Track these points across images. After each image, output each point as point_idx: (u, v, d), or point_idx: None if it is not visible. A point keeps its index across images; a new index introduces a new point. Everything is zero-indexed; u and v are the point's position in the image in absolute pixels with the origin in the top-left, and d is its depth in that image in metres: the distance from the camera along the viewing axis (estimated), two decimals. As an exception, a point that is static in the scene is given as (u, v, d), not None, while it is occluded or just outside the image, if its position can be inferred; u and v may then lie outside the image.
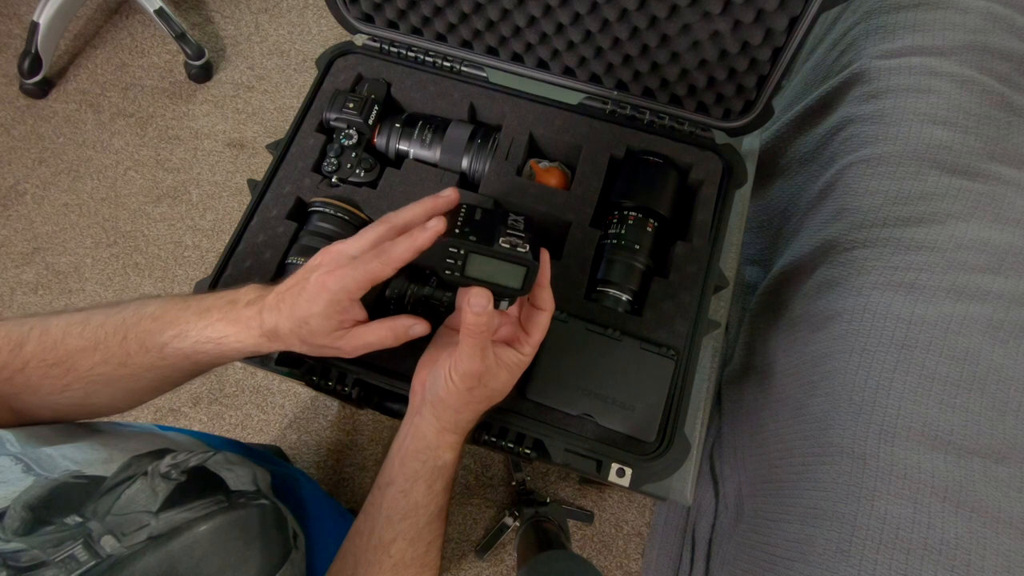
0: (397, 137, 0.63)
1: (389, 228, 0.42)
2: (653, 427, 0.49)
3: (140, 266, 1.22)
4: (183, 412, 1.12)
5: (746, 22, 0.51)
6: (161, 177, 1.28)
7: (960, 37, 0.71)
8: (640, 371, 0.50)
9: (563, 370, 0.50)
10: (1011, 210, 0.65)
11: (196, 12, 1.42)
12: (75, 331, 0.40)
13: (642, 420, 0.49)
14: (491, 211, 0.46)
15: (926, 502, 0.53)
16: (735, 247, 0.64)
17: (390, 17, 0.64)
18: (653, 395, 0.50)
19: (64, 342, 0.40)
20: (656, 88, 0.61)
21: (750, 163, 0.65)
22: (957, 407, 0.55)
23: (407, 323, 0.43)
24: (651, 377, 0.50)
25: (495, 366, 0.41)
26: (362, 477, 1.09)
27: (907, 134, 0.68)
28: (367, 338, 0.42)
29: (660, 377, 0.50)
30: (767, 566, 0.62)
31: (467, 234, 0.40)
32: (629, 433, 0.49)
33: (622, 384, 0.50)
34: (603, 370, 0.50)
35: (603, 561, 1.05)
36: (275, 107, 1.35)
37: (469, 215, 0.44)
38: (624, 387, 0.50)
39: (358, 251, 0.41)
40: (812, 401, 0.64)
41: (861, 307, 0.63)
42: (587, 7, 0.54)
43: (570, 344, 0.51)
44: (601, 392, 0.50)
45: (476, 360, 0.39)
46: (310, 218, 0.59)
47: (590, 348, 0.51)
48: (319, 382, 0.55)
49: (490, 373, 0.40)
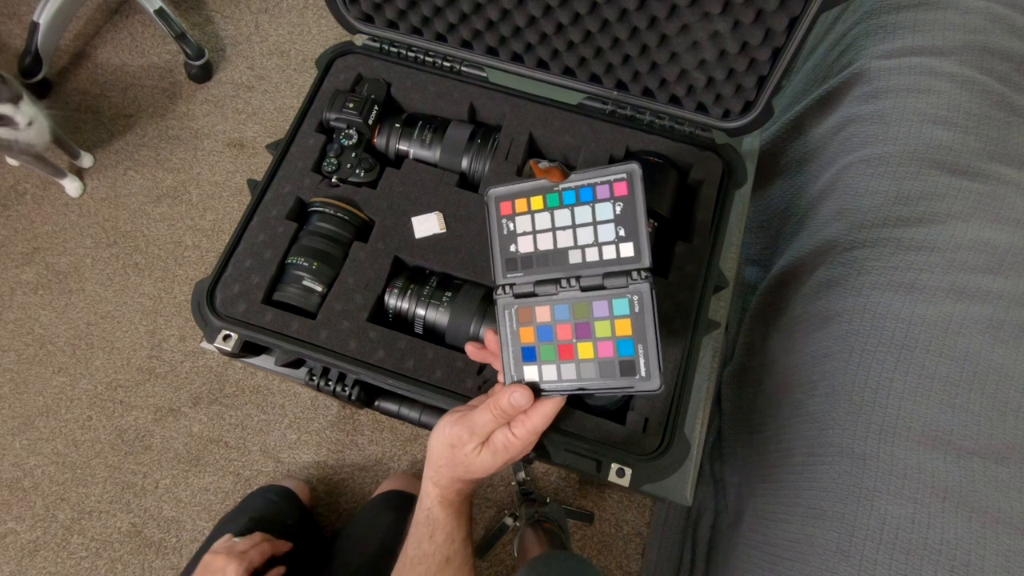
0: (397, 137, 0.63)
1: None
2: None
3: (140, 266, 1.22)
4: (183, 412, 1.12)
5: (746, 22, 0.51)
6: (161, 177, 1.28)
7: (960, 37, 0.71)
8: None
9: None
10: (1011, 210, 0.65)
11: (196, 12, 1.42)
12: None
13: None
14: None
15: (926, 502, 0.53)
16: (735, 247, 0.64)
17: (390, 17, 0.64)
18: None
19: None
20: (656, 88, 0.61)
21: (750, 163, 0.65)
22: (957, 407, 0.55)
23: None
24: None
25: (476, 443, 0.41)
26: (362, 477, 1.09)
27: (907, 134, 0.68)
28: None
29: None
30: (767, 566, 0.62)
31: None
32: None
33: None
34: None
35: (603, 561, 1.05)
36: (275, 107, 1.35)
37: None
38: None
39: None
40: (812, 401, 0.64)
41: (861, 307, 0.63)
42: (587, 7, 0.54)
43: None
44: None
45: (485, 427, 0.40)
46: (310, 218, 0.59)
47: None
48: (319, 382, 0.55)
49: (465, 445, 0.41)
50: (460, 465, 0.41)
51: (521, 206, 0.42)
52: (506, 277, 0.42)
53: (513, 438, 0.40)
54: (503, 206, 0.42)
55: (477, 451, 0.40)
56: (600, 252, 0.40)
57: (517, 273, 0.42)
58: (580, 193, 0.40)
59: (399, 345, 0.54)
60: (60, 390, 1.13)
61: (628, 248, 0.39)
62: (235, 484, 1.08)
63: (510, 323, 0.42)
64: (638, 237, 0.39)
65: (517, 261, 0.42)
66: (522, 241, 0.42)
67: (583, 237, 0.40)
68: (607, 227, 0.40)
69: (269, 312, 0.55)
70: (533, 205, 0.42)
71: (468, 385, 0.53)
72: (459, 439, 0.40)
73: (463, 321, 0.55)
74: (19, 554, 1.04)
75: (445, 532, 0.43)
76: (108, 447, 1.10)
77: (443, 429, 0.42)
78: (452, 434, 0.41)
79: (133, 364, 1.15)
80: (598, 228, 0.40)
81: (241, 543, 0.69)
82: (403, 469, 1.09)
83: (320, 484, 1.08)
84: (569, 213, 0.41)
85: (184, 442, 1.11)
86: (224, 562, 0.65)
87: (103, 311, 1.19)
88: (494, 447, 0.40)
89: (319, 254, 0.57)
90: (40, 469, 1.09)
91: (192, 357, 1.16)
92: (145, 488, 1.08)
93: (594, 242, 0.40)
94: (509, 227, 0.42)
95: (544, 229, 0.41)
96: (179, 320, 1.18)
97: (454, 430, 0.41)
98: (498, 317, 0.42)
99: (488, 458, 0.41)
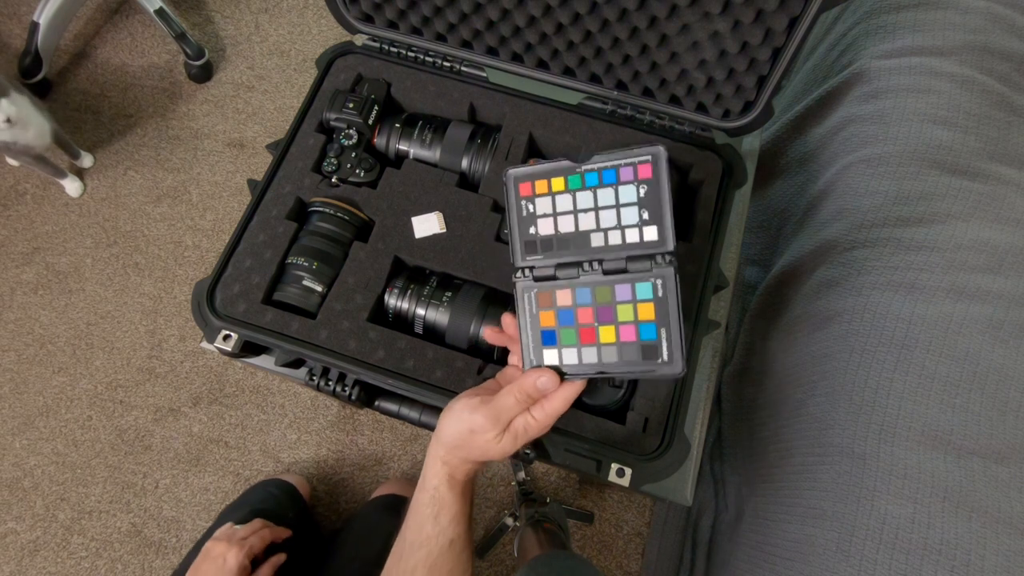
0: (397, 137, 0.63)
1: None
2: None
3: (140, 266, 1.22)
4: (183, 412, 1.12)
5: (746, 22, 0.51)
6: (161, 177, 1.28)
7: (960, 37, 0.71)
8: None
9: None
10: (1011, 210, 0.65)
11: (196, 12, 1.42)
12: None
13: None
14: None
15: (926, 502, 0.53)
16: (735, 247, 0.64)
17: (390, 17, 0.64)
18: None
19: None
20: (656, 88, 0.61)
21: (750, 163, 0.65)
22: (957, 407, 0.55)
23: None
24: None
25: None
26: (362, 477, 1.09)
27: (907, 134, 0.68)
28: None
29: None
30: (767, 566, 0.62)
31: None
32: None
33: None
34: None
35: (603, 561, 1.05)
36: (275, 107, 1.35)
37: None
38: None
39: None
40: (812, 401, 0.64)
41: (861, 307, 0.63)
42: (587, 7, 0.54)
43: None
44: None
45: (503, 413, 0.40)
46: (310, 218, 0.59)
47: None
48: (319, 382, 0.55)
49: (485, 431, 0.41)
50: (477, 449, 0.41)
51: (541, 187, 0.41)
52: (525, 260, 0.42)
53: (533, 421, 0.40)
54: (522, 187, 0.42)
55: (499, 438, 0.40)
56: (623, 235, 0.39)
57: (537, 256, 0.41)
58: (603, 175, 0.40)
59: (399, 345, 0.54)
60: (60, 390, 1.13)
61: (652, 232, 0.39)
62: (235, 484, 1.08)
63: (530, 306, 0.41)
64: (662, 220, 0.38)
65: (537, 244, 0.41)
66: (542, 223, 0.41)
67: (606, 220, 0.40)
68: (630, 210, 0.39)
69: (269, 312, 0.55)
70: (554, 186, 0.41)
71: (468, 385, 0.53)
72: (481, 427, 0.40)
73: (463, 321, 0.55)
74: (19, 554, 1.04)
75: (451, 513, 0.43)
76: (108, 447, 1.10)
77: (461, 414, 0.41)
78: (473, 421, 0.40)
79: (133, 364, 1.15)
80: (621, 211, 0.39)
81: (241, 530, 0.69)
82: (404, 469, 1.09)
83: (320, 484, 1.08)
84: (591, 195, 0.40)
85: (184, 442, 1.11)
86: (224, 548, 0.65)
87: (103, 311, 1.19)
88: (515, 432, 0.40)
89: (319, 254, 0.57)
90: (40, 469, 1.09)
91: (192, 357, 1.16)
92: (145, 488, 1.08)
93: (617, 225, 0.39)
94: (529, 208, 0.42)
95: (565, 211, 0.41)
96: (179, 320, 1.18)
97: (474, 417, 0.40)
98: (517, 300, 0.42)
99: (508, 443, 0.40)
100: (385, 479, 1.08)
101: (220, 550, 0.65)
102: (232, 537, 0.67)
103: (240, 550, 0.65)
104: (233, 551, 0.65)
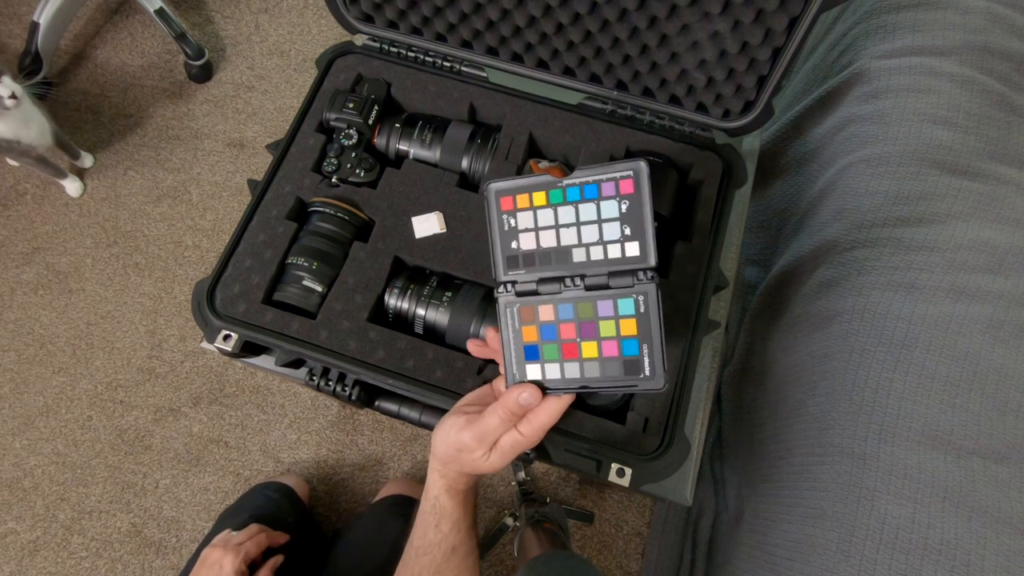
0: (397, 137, 0.63)
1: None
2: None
3: (140, 266, 1.22)
4: (183, 412, 1.12)
5: (746, 22, 0.51)
6: (161, 177, 1.28)
7: (960, 37, 0.71)
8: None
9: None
10: (1011, 210, 0.65)
11: (196, 12, 1.42)
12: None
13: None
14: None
15: (926, 502, 0.53)
16: (735, 247, 0.64)
17: (390, 17, 0.64)
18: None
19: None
20: (656, 88, 0.61)
21: (750, 163, 0.65)
22: (957, 407, 0.55)
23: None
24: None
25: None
26: (362, 477, 1.09)
27: (907, 134, 0.68)
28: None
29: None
30: (767, 566, 0.62)
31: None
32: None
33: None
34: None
35: (603, 561, 1.05)
36: (275, 107, 1.35)
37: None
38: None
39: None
40: (812, 401, 0.64)
41: (861, 307, 0.63)
42: (587, 7, 0.54)
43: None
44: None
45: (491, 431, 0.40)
46: (310, 218, 0.59)
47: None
48: (319, 382, 0.55)
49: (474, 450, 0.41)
50: (468, 465, 0.42)
51: (523, 201, 0.41)
52: (507, 274, 0.42)
53: (520, 437, 0.40)
54: (503, 201, 0.42)
55: (486, 457, 0.40)
56: (605, 251, 0.39)
57: (519, 271, 0.41)
58: (585, 190, 0.40)
59: (399, 345, 0.54)
60: (60, 390, 1.14)
61: (634, 247, 0.39)
62: (235, 484, 1.08)
63: (512, 321, 0.41)
64: (644, 236, 0.38)
65: (519, 258, 0.42)
66: (524, 238, 0.41)
67: (587, 235, 0.40)
68: (612, 225, 0.39)
69: (269, 312, 0.55)
70: (535, 201, 0.41)
71: (468, 385, 0.53)
72: (468, 447, 0.40)
73: (463, 321, 0.55)
74: (19, 554, 1.04)
75: (451, 520, 0.43)
76: (108, 447, 1.10)
77: (449, 433, 0.41)
78: (460, 440, 0.41)
79: (133, 364, 1.15)
80: (603, 226, 0.39)
81: (237, 536, 0.70)
82: (404, 469, 1.09)
83: (320, 484, 1.08)
84: (573, 210, 0.40)
85: (184, 442, 1.11)
86: (221, 555, 0.66)
87: (103, 311, 1.19)
88: (502, 449, 0.40)
89: (319, 254, 0.57)
90: (40, 469, 1.09)
91: (192, 357, 1.16)
92: (145, 488, 1.08)
93: (599, 240, 0.39)
94: (510, 223, 0.42)
95: (547, 226, 0.41)
96: (179, 320, 1.18)
97: (461, 437, 0.40)
98: (499, 315, 0.42)
99: (497, 460, 0.41)
100: (385, 479, 1.08)
101: (216, 556, 0.66)
102: (228, 543, 0.68)
103: (236, 556, 0.66)
104: (229, 557, 0.66)
